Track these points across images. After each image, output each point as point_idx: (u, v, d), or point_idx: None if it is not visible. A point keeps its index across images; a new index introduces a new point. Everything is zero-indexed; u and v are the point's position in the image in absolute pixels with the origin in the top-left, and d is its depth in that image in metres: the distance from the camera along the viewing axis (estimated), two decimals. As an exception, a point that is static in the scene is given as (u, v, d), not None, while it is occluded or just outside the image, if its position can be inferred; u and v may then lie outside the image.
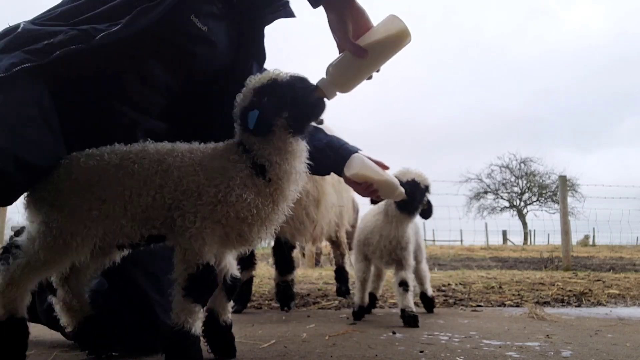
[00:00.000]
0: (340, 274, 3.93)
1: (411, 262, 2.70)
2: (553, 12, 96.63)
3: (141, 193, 1.46)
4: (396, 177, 2.34)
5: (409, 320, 2.55)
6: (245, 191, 1.46)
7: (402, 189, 2.18)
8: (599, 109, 68.45)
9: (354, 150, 2.15)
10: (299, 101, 1.50)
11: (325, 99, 1.57)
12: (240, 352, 1.81)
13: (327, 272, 5.43)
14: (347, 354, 1.89)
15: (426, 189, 2.57)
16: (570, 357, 1.87)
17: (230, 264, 1.68)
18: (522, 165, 34.73)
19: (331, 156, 2.10)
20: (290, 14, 1.97)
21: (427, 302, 3.08)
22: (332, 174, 2.21)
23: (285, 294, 3.25)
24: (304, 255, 7.01)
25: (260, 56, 1.99)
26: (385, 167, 2.17)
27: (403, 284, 2.64)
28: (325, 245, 4.80)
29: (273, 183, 1.51)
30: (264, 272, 5.34)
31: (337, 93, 1.59)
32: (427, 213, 2.62)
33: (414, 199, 2.37)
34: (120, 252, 1.64)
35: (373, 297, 3.06)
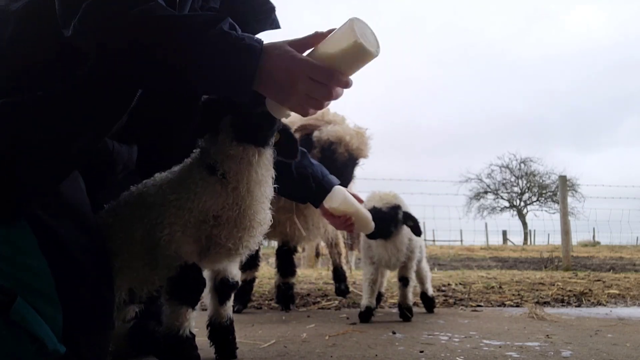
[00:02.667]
0: (338, 273, 3.94)
1: (414, 264, 2.77)
2: (555, 15, 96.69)
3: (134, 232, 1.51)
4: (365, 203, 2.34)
5: (404, 315, 2.69)
6: (202, 194, 1.45)
7: (373, 223, 2.20)
8: (600, 110, 68.42)
9: (335, 183, 2.16)
10: (242, 110, 1.44)
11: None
12: (240, 352, 1.82)
13: (327, 272, 5.43)
14: (347, 354, 1.90)
15: (392, 209, 2.53)
16: (570, 357, 1.87)
17: (225, 268, 1.68)
18: (522, 165, 34.71)
19: (313, 187, 2.11)
20: (275, 24, 1.84)
21: (428, 302, 3.08)
22: None
23: (285, 295, 3.27)
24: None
25: None
26: (360, 201, 2.21)
27: (403, 279, 2.74)
28: (323, 246, 4.80)
29: (230, 181, 1.47)
30: (264, 272, 5.34)
31: (290, 112, 1.38)
32: (415, 230, 2.57)
33: (376, 225, 2.30)
34: None
35: (371, 310, 2.94)
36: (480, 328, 2.49)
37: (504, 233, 25.32)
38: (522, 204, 35.07)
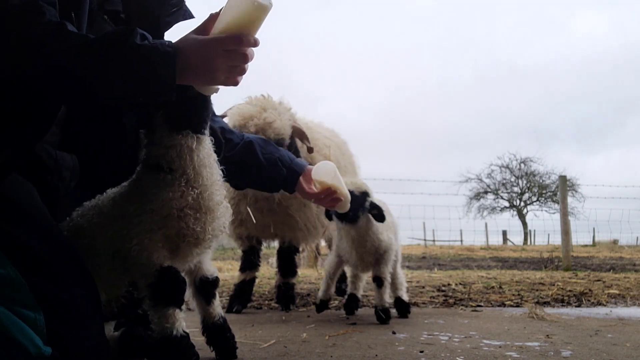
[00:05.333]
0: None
1: (389, 264, 2.73)
2: (559, 19, 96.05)
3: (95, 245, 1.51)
4: None
5: (380, 318, 2.64)
6: (158, 193, 1.46)
7: (348, 204, 2.19)
8: (603, 112, 68.00)
9: (305, 164, 2.14)
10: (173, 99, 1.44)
11: (208, 95, 1.51)
12: (240, 352, 1.82)
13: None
14: (347, 354, 1.90)
15: (363, 195, 2.56)
16: (570, 357, 1.87)
17: (201, 266, 1.69)
18: (522, 165, 34.65)
19: (283, 172, 2.08)
20: (188, 15, 1.83)
21: (402, 307, 2.92)
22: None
23: (286, 295, 3.27)
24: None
25: None
26: None
27: (377, 280, 2.71)
28: (323, 246, 4.81)
29: (177, 170, 1.49)
30: (264, 272, 5.34)
31: (218, 87, 1.48)
32: (379, 217, 2.59)
33: (350, 208, 2.32)
34: None
35: (356, 299, 2.97)
36: (480, 328, 2.49)
37: (504, 233, 25.29)
38: (522, 204, 35.04)
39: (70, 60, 1.27)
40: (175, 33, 1.82)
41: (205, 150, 1.55)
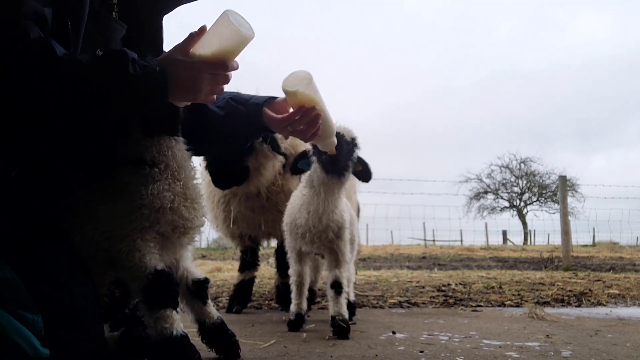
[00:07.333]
0: None
1: (347, 255, 2.36)
2: (561, 24, 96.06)
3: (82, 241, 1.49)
4: None
5: (339, 330, 2.21)
6: (146, 188, 1.47)
7: (335, 138, 1.91)
8: (605, 112, 67.95)
9: (269, 97, 1.92)
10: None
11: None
12: (241, 352, 1.81)
13: (327, 273, 5.43)
14: (347, 354, 1.90)
15: (353, 141, 2.18)
16: (570, 357, 1.87)
17: (188, 270, 1.69)
18: (522, 165, 34.65)
19: (241, 109, 1.87)
20: None
21: (348, 307, 2.49)
22: None
23: (285, 295, 3.26)
24: None
25: (156, 46, 1.74)
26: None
27: (335, 286, 2.29)
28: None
29: (160, 163, 1.51)
30: (264, 272, 5.34)
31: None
32: (365, 175, 2.25)
33: (340, 153, 2.04)
34: None
35: (311, 292, 2.75)
36: (480, 328, 2.49)
37: (504, 233, 25.34)
38: (522, 204, 35.03)
39: (58, 86, 1.28)
40: (175, 20, 1.85)
41: (182, 148, 1.59)
